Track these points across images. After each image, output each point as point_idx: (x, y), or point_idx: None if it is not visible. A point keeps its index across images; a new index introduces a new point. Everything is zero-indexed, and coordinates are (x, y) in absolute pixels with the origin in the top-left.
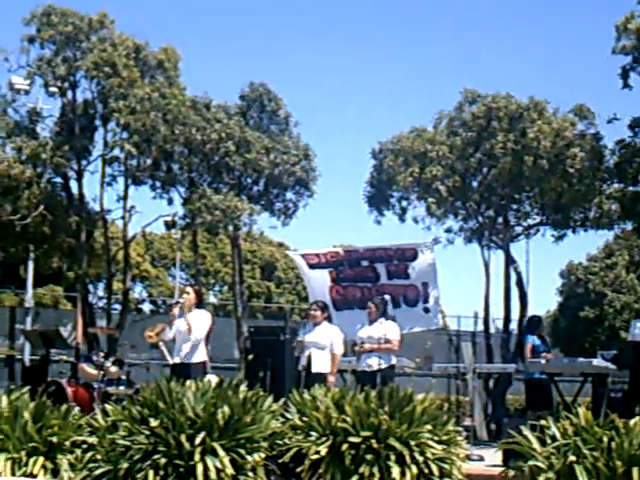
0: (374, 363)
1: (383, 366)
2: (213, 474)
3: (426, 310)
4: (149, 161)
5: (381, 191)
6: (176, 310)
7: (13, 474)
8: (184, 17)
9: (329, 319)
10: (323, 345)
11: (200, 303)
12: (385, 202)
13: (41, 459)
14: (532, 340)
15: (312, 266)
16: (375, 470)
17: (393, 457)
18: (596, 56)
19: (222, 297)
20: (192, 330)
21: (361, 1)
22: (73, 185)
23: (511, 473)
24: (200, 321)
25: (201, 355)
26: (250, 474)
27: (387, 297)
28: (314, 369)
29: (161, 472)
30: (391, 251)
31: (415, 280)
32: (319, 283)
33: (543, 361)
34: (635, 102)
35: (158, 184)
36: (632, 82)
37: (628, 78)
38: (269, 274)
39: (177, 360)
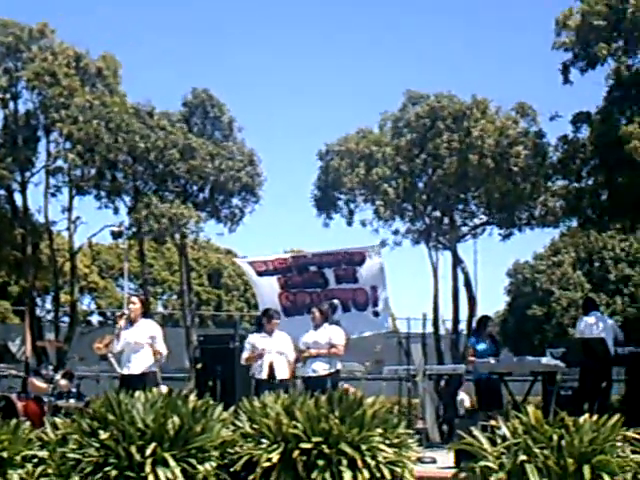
0: (320, 368)
1: (329, 371)
2: None
3: (375, 314)
4: (93, 171)
5: (328, 194)
6: (122, 321)
7: None
8: (124, 24)
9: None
10: (282, 352)
11: (146, 312)
12: (332, 205)
13: None
14: (472, 343)
15: (260, 273)
16: (327, 476)
17: (345, 462)
18: (536, 53)
19: (170, 306)
20: (136, 340)
21: (303, 3)
22: (17, 197)
23: (462, 474)
24: (145, 331)
25: (148, 364)
26: None
27: (336, 302)
28: (279, 376)
29: None
30: (339, 256)
31: (364, 284)
32: (268, 290)
33: (492, 361)
34: (576, 98)
35: (103, 194)
36: (573, 78)
37: (569, 74)
38: (217, 281)
39: (126, 372)
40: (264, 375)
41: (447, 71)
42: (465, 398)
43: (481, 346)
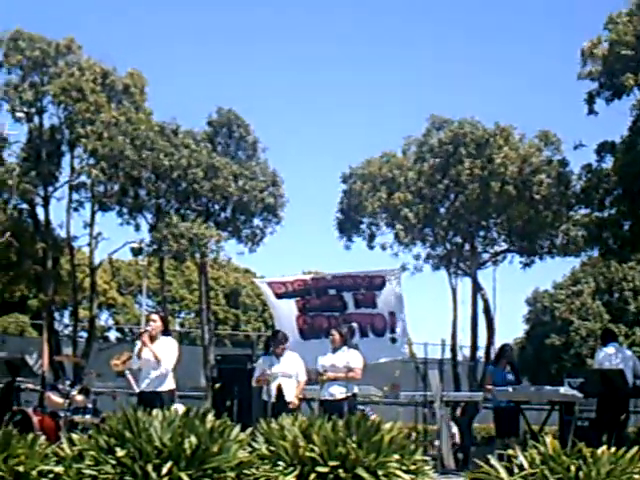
0: (336, 392)
1: (345, 395)
2: None
3: (393, 340)
4: (116, 187)
5: (350, 217)
6: (145, 337)
7: None
8: (152, 41)
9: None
10: (290, 374)
11: (166, 330)
12: (355, 228)
13: None
14: (491, 371)
15: (279, 295)
16: None
17: None
18: (562, 81)
19: (187, 324)
20: (160, 360)
21: (329, 28)
22: (40, 211)
23: None
24: (168, 350)
25: (170, 383)
26: None
27: (355, 325)
28: (288, 398)
29: None
30: (359, 279)
31: (382, 309)
32: (286, 313)
33: (511, 389)
34: (601, 127)
35: (125, 210)
36: (597, 108)
37: (594, 104)
38: (235, 301)
39: (145, 388)
40: (273, 398)
41: (472, 97)
42: (456, 432)
43: (500, 375)
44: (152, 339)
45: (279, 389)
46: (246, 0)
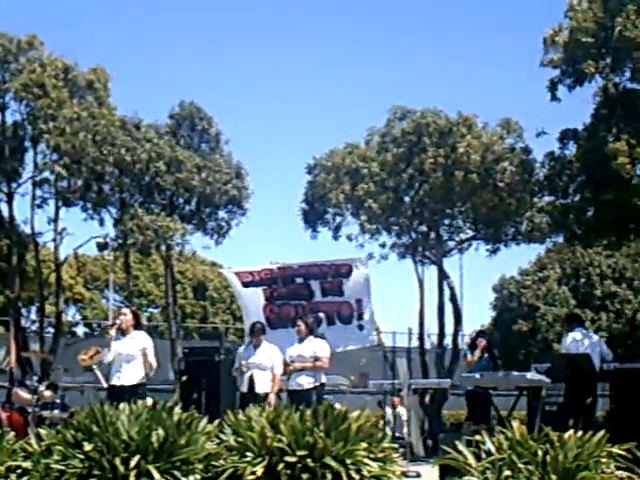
0: (304, 382)
1: (313, 384)
2: None
3: (360, 327)
4: (79, 182)
5: (315, 207)
6: (113, 331)
7: None
8: (113, 36)
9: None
10: (265, 366)
11: (138, 324)
12: (320, 218)
13: None
14: (469, 352)
15: (246, 284)
16: None
17: (329, 476)
18: (524, 69)
19: (155, 318)
20: (132, 355)
21: (292, 15)
22: (3, 208)
23: None
24: (149, 348)
25: (138, 376)
26: None
27: (321, 315)
28: (258, 390)
29: None
30: (325, 267)
31: (349, 297)
32: (253, 302)
33: (477, 375)
34: (563, 115)
35: (89, 205)
36: (560, 95)
37: (556, 91)
38: (202, 294)
39: (117, 382)
40: (244, 388)
41: (433, 87)
42: (404, 413)
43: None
44: (124, 333)
45: (250, 380)
46: None
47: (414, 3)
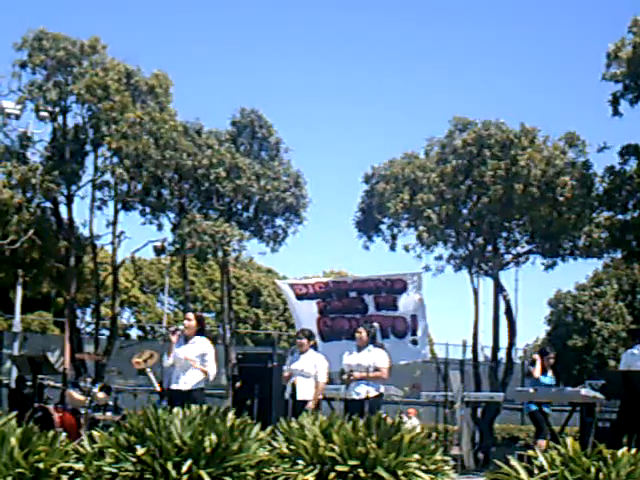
0: (362, 391)
1: (372, 395)
2: None
3: (414, 342)
4: (139, 186)
5: (371, 217)
6: (174, 338)
7: None
8: (175, 42)
9: (315, 347)
10: (308, 373)
11: (202, 330)
12: (375, 228)
13: None
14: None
15: (300, 297)
16: None
17: None
18: (586, 83)
19: (208, 323)
20: (192, 361)
21: (354, 28)
22: (63, 210)
23: None
24: (209, 354)
25: (201, 382)
26: None
27: (376, 325)
28: (299, 397)
29: None
30: (380, 282)
31: (404, 312)
32: (306, 314)
33: (531, 390)
34: (625, 129)
35: (148, 209)
36: (622, 109)
37: (618, 105)
38: (256, 300)
39: (175, 387)
40: (287, 395)
41: (496, 99)
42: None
43: (546, 379)
44: (186, 338)
45: (293, 386)
46: (269, 1)
47: (478, 15)
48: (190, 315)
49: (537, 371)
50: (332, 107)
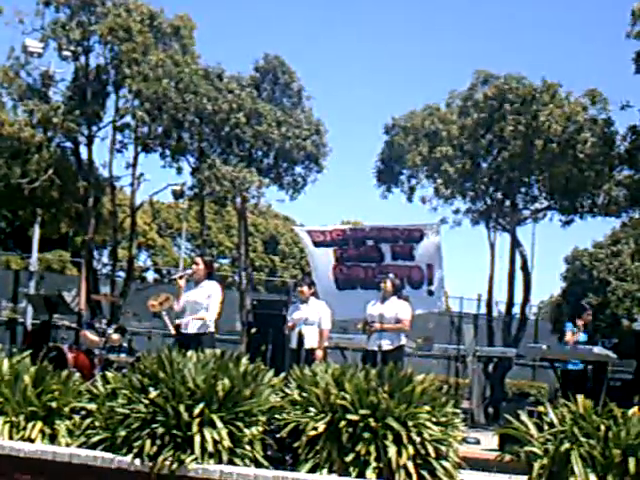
0: (384, 343)
1: (393, 346)
2: (210, 446)
3: (430, 293)
4: (160, 129)
5: (391, 168)
6: (182, 282)
7: (11, 438)
8: None
9: (316, 295)
10: (312, 321)
11: (211, 274)
12: (394, 179)
13: (39, 424)
14: (570, 327)
15: (317, 244)
16: (372, 449)
17: (390, 436)
18: (610, 40)
19: (224, 269)
20: (200, 304)
21: None
22: (83, 150)
23: (507, 458)
24: (212, 296)
25: (208, 325)
26: (247, 447)
27: (392, 276)
28: (307, 345)
29: (158, 442)
30: (397, 231)
31: (420, 262)
32: (323, 261)
33: (544, 347)
34: None
35: (168, 153)
36: None
37: None
38: (272, 248)
39: (184, 331)
40: (293, 345)
41: (519, 52)
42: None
43: (582, 337)
44: (196, 282)
45: (299, 336)
46: None
47: None
48: (198, 259)
49: (568, 336)
50: (355, 57)
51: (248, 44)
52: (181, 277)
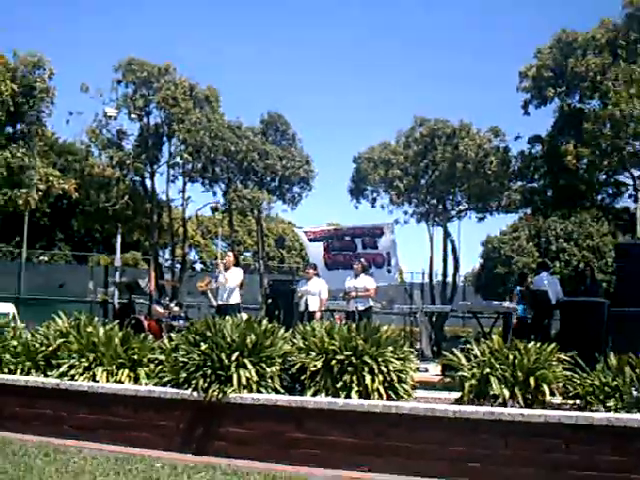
0: (359, 305)
1: (365, 307)
2: (244, 380)
3: (389, 271)
4: (199, 166)
5: (359, 186)
6: (221, 267)
7: (107, 381)
8: (224, 61)
9: (318, 275)
10: (314, 292)
11: (237, 263)
12: (362, 193)
13: (126, 371)
14: (517, 292)
15: (311, 240)
16: (354, 378)
17: (366, 369)
18: (506, 93)
19: (247, 260)
20: (229, 281)
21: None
22: (148, 182)
23: (447, 380)
24: (235, 275)
25: (236, 299)
26: (269, 381)
27: (363, 260)
28: (310, 309)
29: (208, 379)
30: (365, 229)
31: (381, 250)
32: (316, 252)
33: (469, 303)
34: (532, 125)
35: (206, 182)
36: (530, 111)
37: (528, 108)
38: (281, 244)
39: (220, 302)
40: (302, 308)
41: (445, 100)
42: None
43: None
44: (227, 269)
45: (306, 302)
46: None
47: (438, 31)
48: (230, 253)
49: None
50: (332, 107)
51: (257, 103)
52: (217, 265)
